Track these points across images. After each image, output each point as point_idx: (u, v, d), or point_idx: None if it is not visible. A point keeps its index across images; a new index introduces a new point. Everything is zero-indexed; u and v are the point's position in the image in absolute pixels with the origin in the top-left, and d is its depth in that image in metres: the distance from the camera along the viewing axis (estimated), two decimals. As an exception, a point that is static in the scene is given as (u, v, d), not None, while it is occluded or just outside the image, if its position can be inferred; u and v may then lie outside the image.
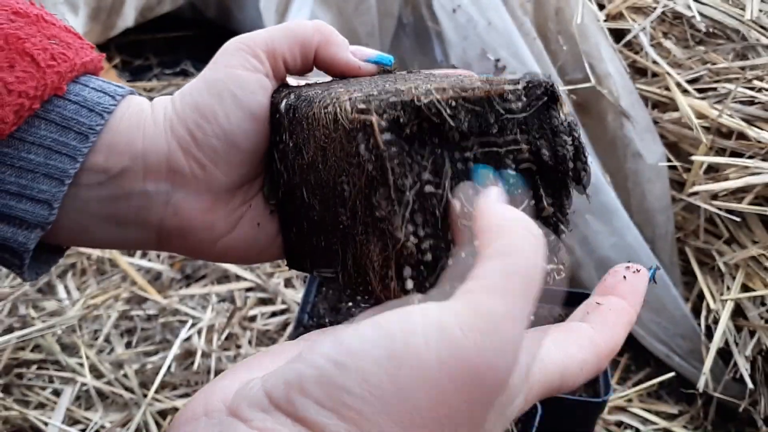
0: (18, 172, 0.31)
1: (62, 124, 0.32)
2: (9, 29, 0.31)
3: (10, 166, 0.31)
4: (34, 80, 0.31)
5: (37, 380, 0.80)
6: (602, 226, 0.83)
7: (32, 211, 0.32)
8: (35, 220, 0.32)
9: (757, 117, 0.80)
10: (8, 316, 0.86)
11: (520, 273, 0.22)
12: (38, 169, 0.32)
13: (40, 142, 0.32)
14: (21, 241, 0.32)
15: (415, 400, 0.20)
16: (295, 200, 0.34)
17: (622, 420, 0.79)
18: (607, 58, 0.84)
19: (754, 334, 0.76)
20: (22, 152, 0.31)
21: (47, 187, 0.32)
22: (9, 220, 0.32)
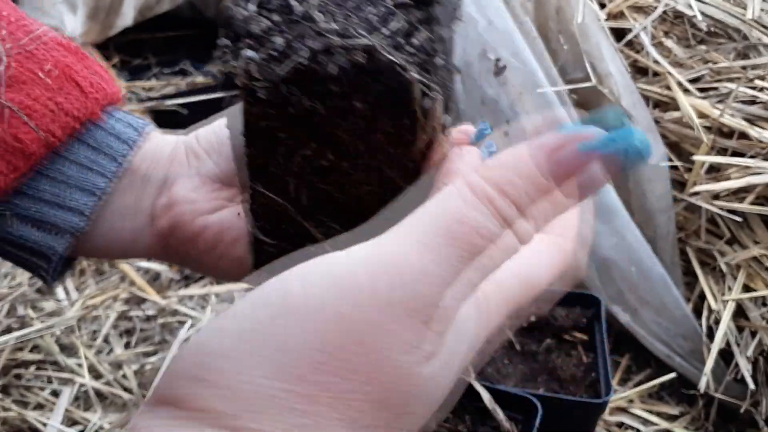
0: (53, 183, 0.36)
1: (96, 147, 0.37)
2: (60, 59, 0.36)
3: (47, 176, 0.35)
4: (80, 104, 0.36)
5: (36, 381, 0.80)
6: (603, 226, 0.83)
7: (65, 218, 0.36)
8: (67, 227, 0.36)
9: (759, 116, 0.79)
10: (7, 317, 0.85)
11: (452, 231, 0.19)
12: (72, 182, 0.36)
13: (76, 160, 0.36)
14: (51, 246, 0.36)
15: (289, 346, 0.19)
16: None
17: (623, 421, 0.79)
18: (608, 58, 0.84)
19: (756, 335, 0.76)
20: (60, 167, 0.36)
21: (81, 198, 0.36)
22: (42, 225, 0.36)
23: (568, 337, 0.77)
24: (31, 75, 0.34)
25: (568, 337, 0.77)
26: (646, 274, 0.82)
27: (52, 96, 0.35)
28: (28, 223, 0.36)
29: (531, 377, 0.74)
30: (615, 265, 0.83)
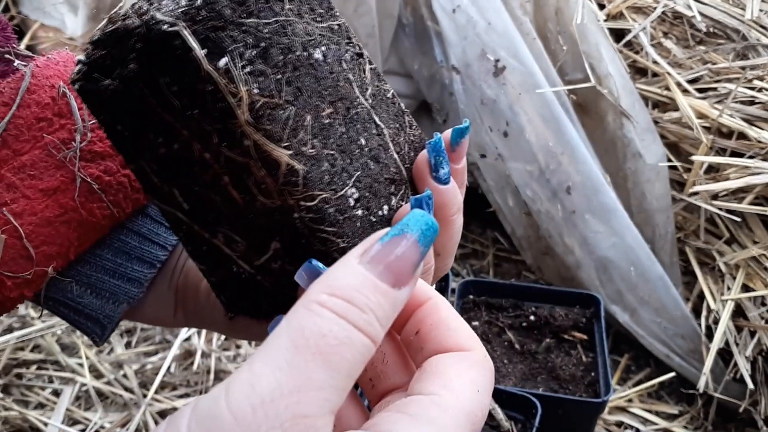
0: (116, 253, 0.37)
1: (157, 220, 0.38)
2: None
3: (110, 246, 0.37)
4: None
5: (37, 380, 0.80)
6: (602, 226, 0.83)
7: (123, 288, 0.37)
8: (125, 295, 0.37)
9: (758, 117, 0.80)
10: (8, 316, 0.85)
11: (306, 354, 0.20)
12: (134, 252, 0.37)
13: (138, 230, 0.37)
14: (108, 315, 0.37)
15: None
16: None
17: (622, 420, 0.79)
18: (607, 58, 0.84)
19: (755, 335, 0.76)
20: (123, 237, 0.37)
21: (140, 269, 0.37)
22: (101, 293, 0.37)
23: (567, 336, 0.78)
24: (108, 149, 0.36)
25: (568, 337, 0.78)
26: (645, 274, 0.82)
27: (125, 171, 0.36)
28: (88, 289, 0.37)
29: (530, 377, 0.74)
30: (614, 265, 0.83)
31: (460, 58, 0.88)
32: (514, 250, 0.97)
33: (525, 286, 0.82)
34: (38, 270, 0.34)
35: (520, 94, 0.84)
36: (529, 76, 0.83)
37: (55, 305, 0.37)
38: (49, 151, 0.34)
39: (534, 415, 0.63)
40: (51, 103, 0.34)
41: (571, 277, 0.88)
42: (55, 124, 0.34)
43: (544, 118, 0.83)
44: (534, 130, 0.84)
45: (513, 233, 0.94)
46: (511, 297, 0.81)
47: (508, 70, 0.84)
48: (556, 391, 0.72)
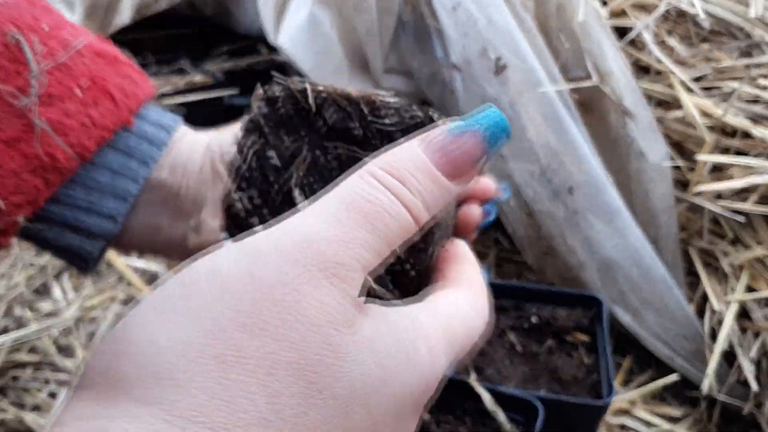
0: (87, 191, 0.37)
1: (127, 153, 0.38)
2: (95, 71, 0.37)
3: (81, 185, 0.37)
4: (113, 116, 0.37)
5: (33, 382, 0.79)
6: (605, 227, 0.82)
7: (99, 224, 0.37)
8: (101, 232, 0.37)
9: (762, 116, 0.79)
10: (4, 318, 0.85)
11: (354, 215, 0.21)
12: (105, 188, 0.37)
13: (108, 166, 0.37)
14: (88, 250, 0.38)
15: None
16: None
17: (624, 423, 0.79)
18: (610, 56, 0.83)
19: (759, 336, 0.75)
20: (92, 174, 0.37)
21: (113, 205, 0.37)
22: (79, 231, 0.37)
23: (569, 338, 0.77)
24: (66, 91, 0.35)
25: (570, 338, 0.77)
26: (648, 275, 0.81)
27: (86, 110, 0.36)
28: (64, 228, 0.37)
29: (532, 378, 0.73)
30: (617, 266, 0.82)
31: (461, 55, 0.87)
32: (516, 251, 0.96)
33: (526, 287, 0.81)
34: (8, 220, 0.34)
35: (522, 92, 0.83)
36: (531, 74, 0.82)
37: (36, 244, 0.38)
38: (6, 100, 0.33)
39: (535, 418, 0.62)
40: (4, 51, 0.34)
41: (573, 277, 0.87)
42: (9, 71, 0.34)
43: (545, 116, 0.82)
44: (535, 129, 0.83)
45: (514, 234, 0.93)
46: (513, 298, 0.80)
47: (510, 68, 0.83)
48: (558, 393, 0.71)
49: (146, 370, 0.17)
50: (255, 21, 1.30)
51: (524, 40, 0.83)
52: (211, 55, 1.27)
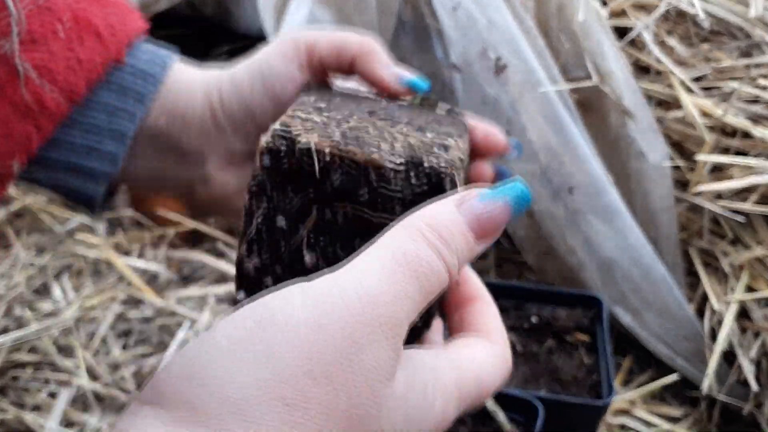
0: (85, 133, 0.36)
1: (121, 91, 0.37)
2: (77, 8, 0.35)
3: (78, 127, 0.36)
4: (100, 52, 0.36)
5: (33, 382, 0.79)
6: (604, 227, 0.82)
7: (99, 166, 0.37)
8: (102, 173, 0.37)
9: (762, 116, 0.79)
10: (4, 318, 0.85)
11: (406, 271, 0.23)
12: (102, 129, 0.37)
13: (103, 106, 0.37)
14: (91, 192, 0.38)
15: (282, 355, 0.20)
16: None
17: (625, 423, 0.79)
18: (610, 56, 0.83)
19: (759, 336, 0.75)
20: (88, 115, 0.36)
21: (112, 145, 0.37)
22: (80, 173, 0.37)
23: (569, 338, 0.77)
24: (48, 30, 0.34)
25: (570, 339, 0.77)
26: (648, 275, 0.81)
27: (72, 49, 0.34)
28: (64, 171, 0.37)
29: (532, 379, 0.73)
30: (616, 266, 0.82)
31: (461, 56, 0.87)
32: (516, 251, 0.96)
33: (526, 288, 0.81)
34: (2, 167, 0.34)
35: (522, 92, 0.83)
36: (531, 74, 0.82)
37: (39, 186, 0.38)
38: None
39: (536, 418, 0.62)
40: None
41: (573, 278, 0.87)
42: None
43: (545, 116, 0.82)
44: (535, 129, 0.83)
45: (514, 234, 0.93)
46: (513, 298, 0.80)
47: (510, 68, 0.83)
48: (558, 394, 0.71)
49: (224, 404, 0.19)
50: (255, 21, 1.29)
51: (524, 41, 0.83)
52: (211, 54, 1.27)
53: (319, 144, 0.27)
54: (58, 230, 0.99)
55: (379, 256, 0.23)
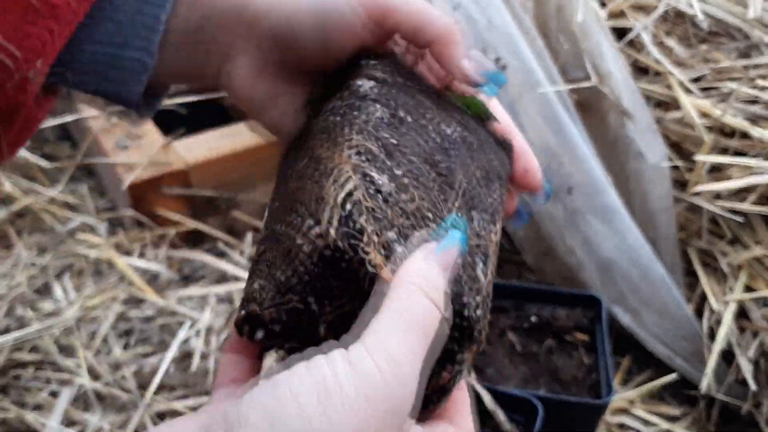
0: (117, 26, 0.35)
1: None
2: None
3: (110, 19, 0.35)
4: None
5: (35, 381, 0.79)
6: (603, 227, 0.82)
7: (134, 59, 0.36)
8: (138, 67, 0.36)
9: (761, 116, 0.79)
10: (5, 317, 0.85)
11: (414, 329, 0.27)
12: (135, 19, 0.35)
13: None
14: (131, 89, 0.36)
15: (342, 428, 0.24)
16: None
17: (624, 422, 0.79)
18: (609, 57, 0.83)
19: (757, 336, 0.75)
20: (116, 6, 0.35)
21: (144, 34, 0.36)
22: (116, 69, 0.36)
23: (569, 338, 0.77)
24: None
25: (569, 338, 0.77)
26: (647, 275, 0.81)
27: None
28: (101, 69, 0.36)
29: (532, 378, 0.73)
30: (616, 266, 0.83)
31: (461, 57, 0.87)
32: (516, 251, 0.96)
33: (526, 287, 0.81)
34: (21, 76, 0.33)
35: (521, 93, 0.83)
36: (530, 74, 0.83)
37: (78, 91, 0.37)
38: None
39: (535, 417, 0.62)
40: None
41: (572, 278, 0.87)
42: None
43: (544, 117, 0.83)
44: (535, 130, 0.83)
45: (514, 234, 0.93)
46: (513, 298, 0.80)
47: (509, 68, 0.84)
48: (558, 393, 0.71)
49: None
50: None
51: (523, 41, 0.84)
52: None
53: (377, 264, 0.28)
54: (60, 230, 0.99)
55: (389, 328, 0.26)
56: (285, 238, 0.29)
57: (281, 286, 0.29)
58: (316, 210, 0.28)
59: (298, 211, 0.29)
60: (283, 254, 0.29)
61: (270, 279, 0.30)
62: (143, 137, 1.03)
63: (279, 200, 0.33)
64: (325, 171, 0.29)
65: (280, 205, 0.32)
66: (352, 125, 0.31)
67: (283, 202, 0.32)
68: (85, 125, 1.08)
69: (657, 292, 0.81)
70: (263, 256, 0.31)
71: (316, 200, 0.28)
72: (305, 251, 0.28)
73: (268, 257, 0.30)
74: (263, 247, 0.31)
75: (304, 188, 0.30)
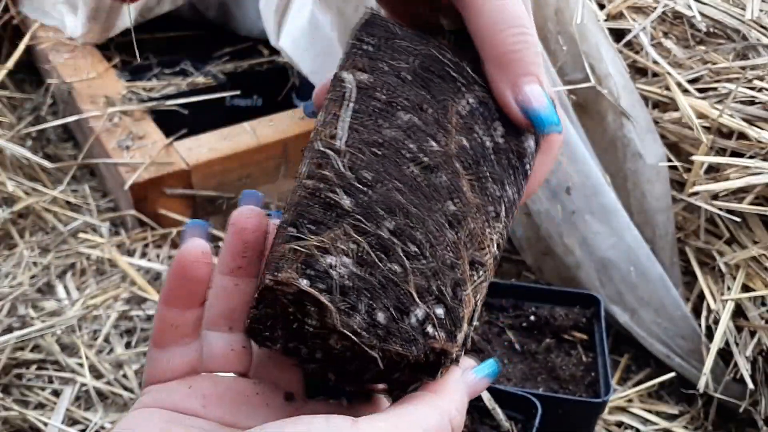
0: None
1: None
2: None
3: None
4: None
5: (37, 380, 0.80)
6: (602, 227, 0.83)
7: None
8: None
9: (758, 117, 0.80)
10: (7, 316, 0.85)
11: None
12: None
13: None
14: None
15: None
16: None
17: (622, 420, 0.79)
18: (607, 58, 0.84)
19: (755, 335, 0.76)
20: None
21: None
22: None
23: (567, 336, 0.78)
24: None
25: (568, 337, 0.78)
26: (645, 274, 0.82)
27: None
28: None
29: (530, 377, 0.74)
30: (614, 266, 0.83)
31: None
32: (514, 251, 0.96)
33: (525, 287, 0.82)
34: None
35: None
36: (529, 76, 0.83)
37: None
38: None
39: (534, 416, 0.63)
40: None
41: (571, 277, 0.88)
42: None
43: (544, 118, 0.83)
44: (534, 130, 0.83)
45: (513, 234, 0.94)
46: (511, 297, 0.81)
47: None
48: (556, 392, 0.72)
49: None
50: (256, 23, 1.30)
51: (523, 43, 0.84)
52: (213, 57, 1.28)
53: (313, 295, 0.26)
54: (62, 230, 1.00)
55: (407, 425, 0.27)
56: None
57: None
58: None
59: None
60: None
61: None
62: (145, 138, 1.03)
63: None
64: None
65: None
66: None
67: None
68: (87, 126, 1.09)
69: (655, 291, 0.82)
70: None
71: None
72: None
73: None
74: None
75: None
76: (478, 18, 0.29)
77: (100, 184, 1.12)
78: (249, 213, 0.32)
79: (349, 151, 0.28)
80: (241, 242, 0.31)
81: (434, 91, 0.30)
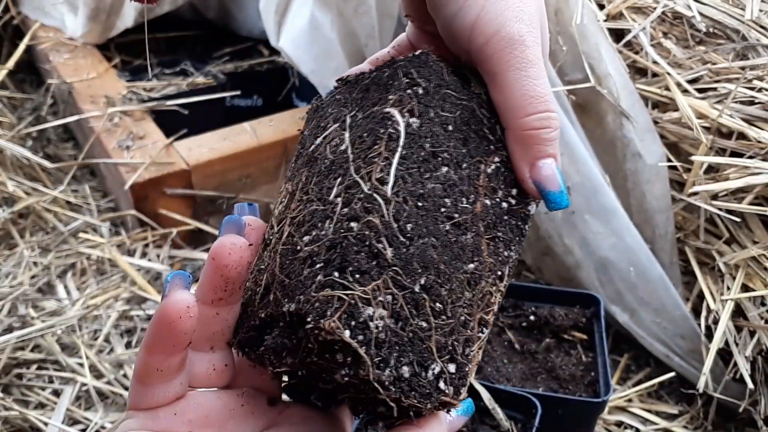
0: None
1: None
2: None
3: None
4: None
5: (37, 380, 0.80)
6: (601, 227, 0.83)
7: None
8: None
9: (757, 117, 0.80)
10: (8, 316, 0.86)
11: None
12: None
13: None
14: None
15: None
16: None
17: (622, 420, 0.79)
18: (607, 59, 0.84)
19: (754, 335, 0.76)
20: None
21: None
22: None
23: (567, 336, 0.78)
24: None
25: (568, 337, 0.78)
26: (644, 274, 0.82)
27: None
28: None
29: (530, 376, 0.74)
30: (613, 266, 0.83)
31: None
32: (514, 250, 0.96)
33: (525, 286, 0.82)
34: None
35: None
36: (529, 76, 0.83)
37: None
38: None
39: (534, 415, 0.63)
40: None
41: (570, 277, 0.88)
42: None
43: (543, 118, 0.83)
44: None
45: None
46: (511, 297, 0.81)
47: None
48: (556, 391, 0.72)
49: None
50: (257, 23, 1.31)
51: (522, 43, 0.84)
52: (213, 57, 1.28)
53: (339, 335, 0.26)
54: (62, 230, 1.00)
55: None
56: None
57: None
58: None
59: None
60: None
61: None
62: (145, 138, 1.04)
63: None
64: None
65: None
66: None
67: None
68: (87, 126, 1.09)
69: (655, 291, 0.82)
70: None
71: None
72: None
73: None
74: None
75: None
76: (504, 93, 0.31)
77: (101, 184, 1.12)
78: (230, 247, 0.30)
79: (396, 200, 0.28)
80: (221, 279, 0.30)
81: (470, 148, 0.31)
